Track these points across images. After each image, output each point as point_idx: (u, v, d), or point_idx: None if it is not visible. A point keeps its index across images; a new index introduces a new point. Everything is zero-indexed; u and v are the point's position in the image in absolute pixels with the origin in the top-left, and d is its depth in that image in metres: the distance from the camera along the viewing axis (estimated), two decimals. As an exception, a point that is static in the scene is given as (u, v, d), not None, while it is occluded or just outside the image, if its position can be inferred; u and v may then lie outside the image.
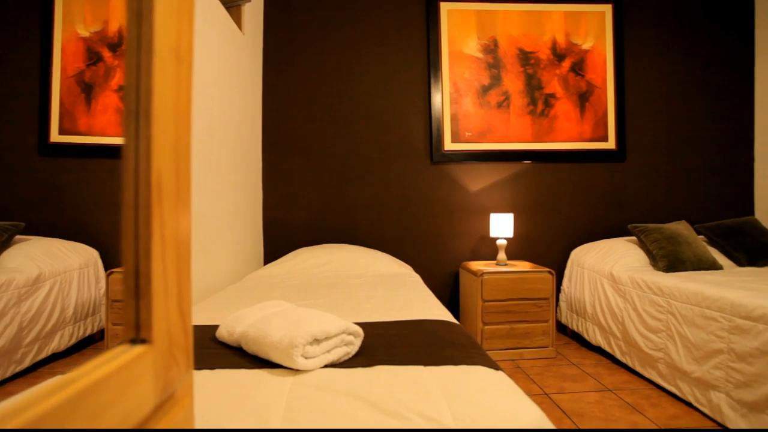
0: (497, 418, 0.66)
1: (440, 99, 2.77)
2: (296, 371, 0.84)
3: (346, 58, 2.78)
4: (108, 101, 1.39)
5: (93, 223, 1.48)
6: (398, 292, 1.70)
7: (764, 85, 2.93)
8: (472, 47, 2.80)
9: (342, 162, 2.78)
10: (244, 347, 0.95)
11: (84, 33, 1.22)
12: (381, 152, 2.79)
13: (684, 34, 2.96)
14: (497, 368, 0.87)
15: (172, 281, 0.34)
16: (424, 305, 1.45)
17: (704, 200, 2.97)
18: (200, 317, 1.29)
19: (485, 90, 2.81)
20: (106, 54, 1.31)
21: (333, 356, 0.88)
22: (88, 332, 1.30)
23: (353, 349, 0.93)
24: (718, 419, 1.60)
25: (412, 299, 1.56)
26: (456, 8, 2.80)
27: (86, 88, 1.29)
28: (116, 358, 0.27)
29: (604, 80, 2.88)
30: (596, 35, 2.88)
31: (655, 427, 1.60)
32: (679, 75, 2.96)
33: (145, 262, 0.30)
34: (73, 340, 1.08)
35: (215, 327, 1.08)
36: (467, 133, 2.79)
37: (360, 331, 0.95)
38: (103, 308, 1.40)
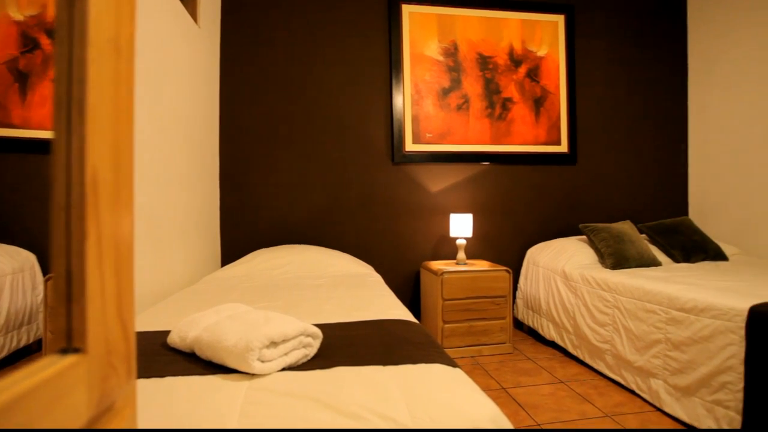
0: (454, 414, 0.67)
1: (402, 100, 2.80)
2: (252, 376, 0.82)
3: (307, 57, 2.75)
4: (46, 92, 1.30)
5: (30, 224, 1.37)
6: (359, 293, 1.70)
7: (695, 98, 3.18)
8: (433, 50, 2.85)
9: (302, 161, 2.74)
10: (198, 353, 0.91)
11: (18, 16, 1.12)
12: (342, 152, 2.78)
13: (628, 46, 3.16)
14: (455, 366, 0.89)
15: (111, 285, 0.32)
16: (385, 305, 1.45)
17: (646, 201, 3.18)
18: (150, 323, 1.22)
19: (446, 92, 2.86)
20: (44, 41, 1.22)
21: (291, 359, 0.86)
22: (23, 343, 1.20)
23: (312, 351, 0.92)
24: (657, 404, 1.72)
25: (373, 299, 1.56)
26: (417, 11, 2.84)
27: (21, 78, 1.19)
28: (44, 369, 0.25)
29: (558, 87, 3.01)
30: (550, 43, 3.01)
31: (602, 415, 1.69)
32: (624, 84, 3.15)
33: (79, 265, 0.28)
34: (4, 353, 1.00)
35: (167, 333, 1.03)
36: (428, 135, 2.84)
37: (319, 332, 0.94)
38: (41, 316, 1.30)
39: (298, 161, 2.73)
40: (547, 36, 3.00)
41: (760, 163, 2.72)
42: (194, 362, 0.89)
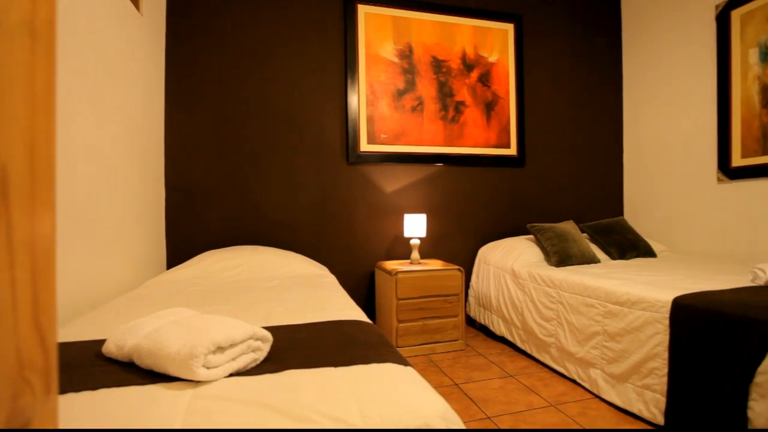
0: (404, 412, 0.68)
1: (357, 100, 2.79)
2: (197, 383, 0.78)
3: (260, 53, 2.67)
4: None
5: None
6: (312, 294, 1.67)
7: (628, 107, 3.44)
8: (389, 51, 2.87)
9: (255, 160, 2.66)
10: (137, 362, 0.86)
11: None
12: (296, 151, 2.73)
13: (571, 56, 3.35)
14: (406, 364, 0.90)
15: (25, 292, 0.29)
16: (338, 306, 1.44)
17: (587, 202, 3.39)
18: (83, 331, 1.13)
19: (400, 94, 2.90)
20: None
21: (239, 364, 0.83)
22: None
23: (261, 355, 0.89)
24: (595, 392, 1.84)
25: (327, 300, 1.55)
26: (373, 12, 2.84)
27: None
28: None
29: (507, 92, 3.14)
30: (500, 50, 3.13)
31: (547, 405, 1.78)
32: (567, 92, 3.35)
33: (-17, 271, 0.26)
34: None
35: (102, 342, 0.96)
36: (383, 135, 2.85)
37: (269, 335, 0.91)
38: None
39: (249, 159, 2.65)
40: (497, 43, 3.12)
41: (682, 169, 2.99)
42: (133, 372, 0.83)
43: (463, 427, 0.71)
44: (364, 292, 2.86)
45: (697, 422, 1.41)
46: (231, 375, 0.82)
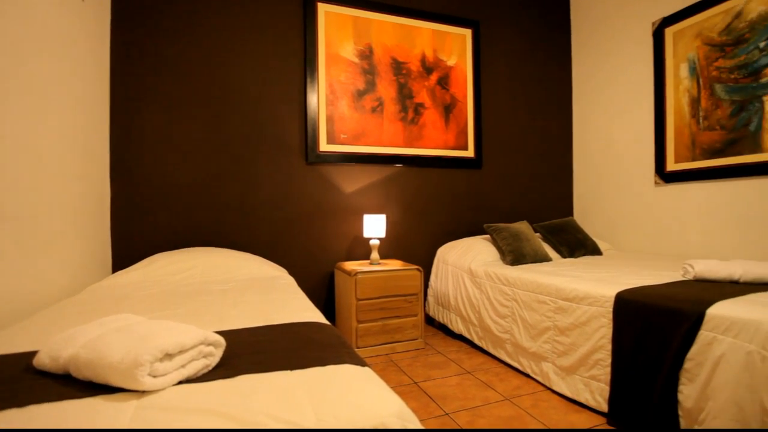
0: (359, 413, 0.68)
1: (316, 99, 2.76)
2: (142, 393, 0.74)
3: (216, 48, 2.57)
4: None
5: None
6: (269, 296, 1.63)
7: (577, 112, 3.64)
8: (349, 51, 2.86)
9: (210, 158, 2.56)
10: (74, 374, 0.80)
11: None
12: (254, 149, 2.65)
13: (525, 63, 3.49)
14: (364, 364, 0.90)
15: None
16: (296, 308, 1.42)
17: (540, 203, 3.54)
18: (12, 343, 1.04)
19: (360, 94, 2.89)
20: None
21: (189, 371, 0.80)
22: None
23: (213, 361, 0.86)
24: (547, 384, 1.93)
25: (284, 302, 1.52)
26: (333, 11, 2.82)
27: None
28: None
29: (465, 95, 3.22)
30: (459, 54, 3.20)
31: (502, 399, 1.84)
32: (522, 96, 3.48)
33: None
34: None
35: (34, 353, 0.89)
36: (342, 135, 2.84)
37: (221, 340, 0.88)
38: None
39: (204, 156, 2.54)
40: (456, 47, 3.19)
41: (624, 172, 3.20)
42: (69, 385, 0.77)
43: (419, 425, 0.71)
44: (323, 293, 2.83)
45: (635, 407, 1.51)
46: (180, 383, 0.78)
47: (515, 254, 2.54)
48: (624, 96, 3.22)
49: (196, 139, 2.53)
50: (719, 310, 1.35)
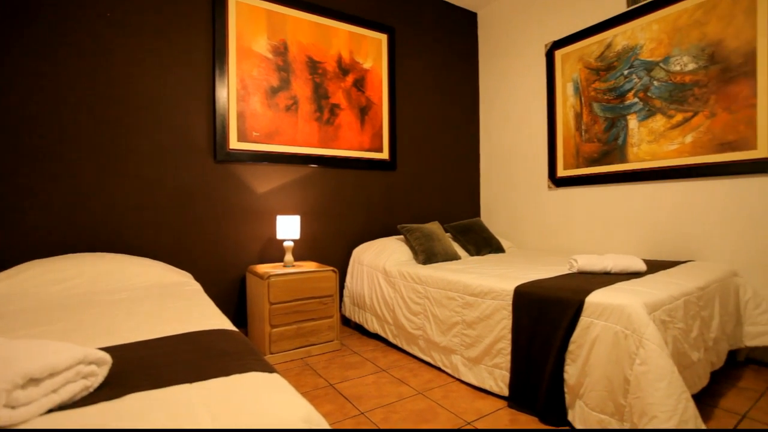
0: (264, 422, 0.65)
1: (226, 94, 2.61)
2: (-1, 427, 0.63)
3: (108, 32, 2.29)
4: None
5: None
6: (171, 304, 1.50)
7: (483, 120, 3.93)
8: (262, 46, 2.75)
9: (100, 152, 2.27)
10: None
11: None
12: (154, 145, 2.42)
13: (437, 71, 3.68)
14: (272, 371, 0.87)
15: None
16: (201, 316, 1.32)
17: (450, 204, 3.75)
18: None
19: (274, 91, 2.80)
20: None
21: (62, 396, 0.69)
22: None
23: (96, 381, 0.76)
24: (456, 375, 2.04)
25: (187, 311, 1.40)
26: (245, 2, 2.69)
27: None
28: None
29: (381, 98, 3.29)
30: (375, 58, 3.26)
31: (416, 393, 1.91)
32: (434, 102, 3.66)
33: None
34: None
35: None
36: (255, 133, 2.72)
37: (106, 357, 0.78)
38: None
39: (94, 151, 2.25)
40: (372, 51, 3.24)
41: (524, 176, 3.53)
42: None
43: (327, 427, 0.71)
44: (234, 298, 2.68)
45: (530, 389, 1.68)
46: (52, 411, 0.68)
47: (427, 253, 2.65)
48: (523, 107, 3.55)
49: (83, 132, 2.22)
50: (595, 298, 1.55)
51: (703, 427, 1.28)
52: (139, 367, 0.86)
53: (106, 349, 0.94)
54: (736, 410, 1.70)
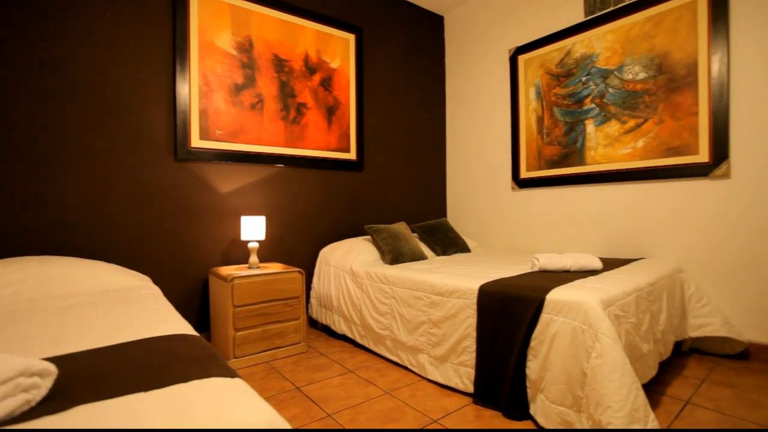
0: (223, 428, 0.63)
1: (188, 91, 2.51)
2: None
3: (58, 24, 2.15)
4: None
5: None
6: (126, 310, 1.43)
7: (450, 122, 4.00)
8: (226, 42, 2.67)
9: (49, 149, 2.13)
10: None
11: None
12: (109, 142, 2.29)
13: (405, 72, 3.71)
14: (234, 376, 0.84)
15: None
16: (158, 320, 1.27)
17: (417, 204, 3.79)
18: None
19: (239, 89, 2.72)
20: None
21: (0, 412, 0.65)
22: None
23: (39, 395, 0.71)
24: (423, 374, 2.06)
25: (144, 316, 1.34)
26: (207, -5, 2.60)
27: None
28: None
29: (348, 98, 3.27)
30: (342, 58, 3.24)
31: (383, 393, 1.91)
32: (402, 104, 3.68)
33: None
34: None
35: None
36: (218, 131, 2.64)
37: (50, 368, 0.73)
38: None
39: (41, 148, 2.10)
40: (339, 50, 3.22)
41: (488, 178, 3.62)
42: None
43: (289, 429, 0.69)
44: (196, 302, 2.59)
45: (494, 385, 1.72)
46: (-13, 426, 0.63)
47: (394, 254, 2.66)
48: (488, 110, 3.64)
49: (29, 127, 2.07)
50: (554, 296, 1.61)
51: (652, 414, 1.35)
52: (89, 377, 0.82)
53: (52, 359, 0.88)
54: (681, 397, 1.81)
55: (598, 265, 2.07)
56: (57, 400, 0.72)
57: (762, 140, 2.18)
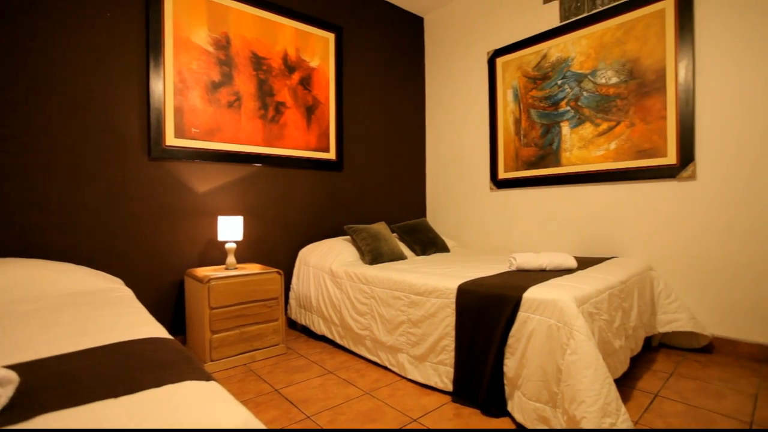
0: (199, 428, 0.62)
1: (162, 87, 2.45)
2: None
3: (24, 18, 2.05)
4: None
5: None
6: (96, 313, 1.38)
7: (430, 122, 4.03)
8: (202, 38, 2.61)
9: (13, 146, 2.03)
10: None
11: None
12: (77, 139, 2.21)
13: (386, 72, 3.71)
14: (209, 379, 0.82)
15: None
16: (130, 324, 1.23)
17: (397, 204, 3.80)
18: None
19: (215, 86, 2.67)
20: None
21: (-43, 421, 0.61)
22: None
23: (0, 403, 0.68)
24: (403, 374, 2.07)
25: (116, 319, 1.30)
26: (182, -10, 2.54)
27: None
28: None
29: (328, 98, 3.25)
30: (322, 57, 3.22)
31: (363, 393, 1.90)
32: (381, 104, 3.69)
33: None
34: None
35: None
36: (194, 130, 2.58)
37: (11, 375, 0.70)
38: None
39: (2, 142, 2.01)
40: (319, 49, 3.20)
41: (467, 178, 3.66)
42: None
43: (265, 430, 0.68)
44: (171, 304, 2.52)
45: (473, 383, 1.74)
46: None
47: (374, 254, 2.66)
48: (466, 111, 3.68)
49: (-13, 121, 1.98)
50: (531, 294, 1.64)
51: (623, 407, 1.39)
52: (54, 384, 0.78)
53: (13, 367, 0.84)
54: (650, 390, 1.88)
55: (573, 264, 2.12)
56: (18, 409, 0.69)
57: (725, 143, 2.28)
